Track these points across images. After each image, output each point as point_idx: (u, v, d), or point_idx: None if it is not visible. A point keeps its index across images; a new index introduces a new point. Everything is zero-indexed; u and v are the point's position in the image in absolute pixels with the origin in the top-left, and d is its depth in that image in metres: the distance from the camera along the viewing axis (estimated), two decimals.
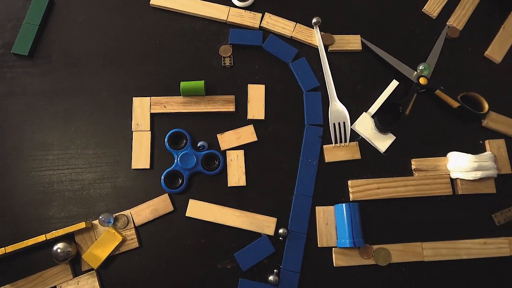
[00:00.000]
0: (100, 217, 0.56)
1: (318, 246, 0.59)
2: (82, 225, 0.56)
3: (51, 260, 0.57)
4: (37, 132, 0.62)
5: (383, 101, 0.64)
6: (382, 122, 0.62)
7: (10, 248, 0.54)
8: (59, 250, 0.55)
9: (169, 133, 0.61)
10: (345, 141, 0.63)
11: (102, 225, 0.57)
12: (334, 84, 0.65)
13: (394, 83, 0.65)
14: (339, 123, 0.63)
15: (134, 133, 0.62)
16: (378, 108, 0.64)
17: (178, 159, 0.60)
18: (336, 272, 0.58)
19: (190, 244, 0.58)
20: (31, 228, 0.58)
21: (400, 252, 0.59)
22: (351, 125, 0.63)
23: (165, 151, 0.61)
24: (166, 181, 0.59)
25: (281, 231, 0.58)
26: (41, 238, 0.55)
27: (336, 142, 0.63)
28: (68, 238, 0.57)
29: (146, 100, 0.63)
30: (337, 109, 0.64)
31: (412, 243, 0.59)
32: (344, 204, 0.58)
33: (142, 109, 0.63)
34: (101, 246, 0.57)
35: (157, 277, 0.57)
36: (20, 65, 0.65)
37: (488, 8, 0.72)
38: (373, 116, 0.64)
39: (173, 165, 0.60)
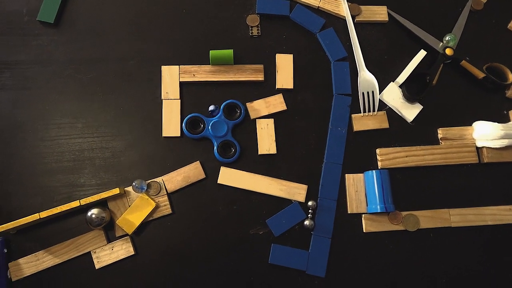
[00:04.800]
0: (134, 183, 0.57)
1: (348, 212, 0.60)
2: (116, 190, 0.56)
3: (85, 226, 0.57)
4: (65, 101, 0.62)
5: (411, 71, 0.64)
6: (410, 91, 0.63)
7: (44, 214, 0.54)
8: (93, 216, 0.55)
9: (224, 103, 0.61)
10: (373, 111, 0.63)
11: (135, 191, 0.57)
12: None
13: (422, 53, 0.65)
14: (367, 93, 0.63)
15: (163, 101, 0.62)
16: (406, 78, 0.64)
17: (209, 126, 0.60)
18: (366, 237, 0.59)
19: (222, 211, 0.59)
20: (62, 195, 0.58)
21: (428, 218, 0.60)
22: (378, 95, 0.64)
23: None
24: (187, 126, 0.60)
25: (310, 203, 0.58)
26: (75, 203, 0.55)
27: (364, 111, 0.63)
28: (101, 204, 0.57)
29: (175, 68, 0.63)
30: (366, 78, 0.64)
31: (439, 210, 0.60)
32: (374, 171, 0.59)
33: (171, 77, 0.62)
34: (135, 212, 0.57)
35: (190, 243, 0.58)
36: (45, 33, 0.64)
37: None
38: (401, 86, 0.64)
39: (203, 132, 0.60)
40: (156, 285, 0.56)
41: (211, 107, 0.60)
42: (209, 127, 0.60)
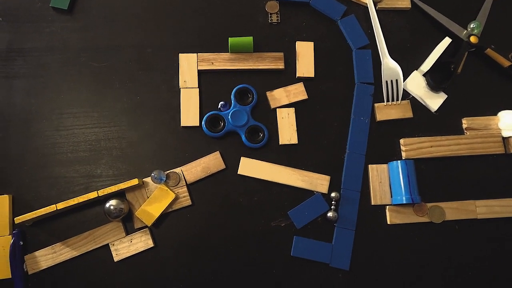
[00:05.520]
0: (153, 174, 0.55)
1: (372, 204, 0.58)
2: (135, 181, 0.54)
3: (102, 218, 0.56)
4: (80, 89, 0.60)
5: (435, 59, 0.62)
6: (435, 80, 0.61)
7: (61, 205, 0.53)
8: (112, 207, 0.54)
9: (236, 88, 0.60)
10: (397, 100, 0.61)
11: (154, 182, 0.55)
12: None
13: (446, 40, 0.63)
14: (391, 81, 0.62)
15: (182, 90, 0.60)
16: (430, 67, 0.62)
17: (229, 116, 0.58)
18: (390, 229, 0.58)
19: (242, 202, 0.57)
20: (79, 186, 0.57)
21: (453, 210, 0.58)
22: None
23: (213, 108, 0.60)
24: (207, 125, 0.58)
25: (333, 194, 0.57)
26: (92, 194, 0.53)
27: (388, 101, 0.61)
28: (119, 195, 0.56)
29: (193, 56, 0.61)
30: (390, 66, 0.62)
31: (465, 201, 0.59)
32: (399, 161, 0.57)
33: (189, 65, 0.61)
34: (154, 203, 0.55)
35: (210, 236, 0.56)
36: (59, 19, 0.62)
37: None
38: (424, 75, 0.63)
39: (224, 129, 0.58)
40: (176, 278, 0.55)
41: (221, 103, 0.58)
42: (229, 118, 0.58)
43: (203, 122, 0.58)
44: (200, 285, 0.55)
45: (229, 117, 0.58)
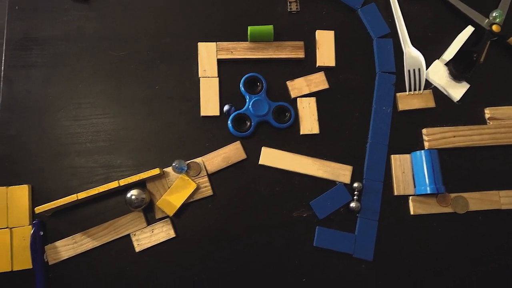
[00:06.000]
0: (174, 163, 0.54)
1: (395, 194, 0.57)
2: (156, 171, 0.54)
3: (121, 209, 0.55)
4: (98, 79, 0.59)
5: (458, 48, 0.61)
6: (457, 69, 0.60)
7: (82, 195, 0.52)
8: (133, 197, 0.53)
9: (245, 77, 0.59)
10: (419, 89, 0.61)
11: (175, 172, 0.55)
12: None
13: (469, 29, 0.62)
14: (413, 70, 0.61)
15: (201, 79, 0.59)
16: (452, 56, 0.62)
17: (251, 104, 0.57)
18: (413, 220, 0.57)
19: (263, 193, 0.57)
20: (99, 176, 0.56)
21: (477, 200, 0.58)
22: None
23: (233, 98, 0.59)
24: (233, 124, 0.57)
25: (356, 184, 0.56)
26: (113, 184, 0.53)
27: (410, 90, 0.61)
28: (140, 185, 0.55)
29: (212, 45, 0.60)
30: (412, 55, 0.61)
31: (489, 192, 0.58)
32: (423, 151, 0.57)
33: (208, 54, 0.60)
34: (175, 193, 0.55)
35: (231, 226, 0.56)
36: (76, 8, 0.61)
37: None
38: (447, 64, 0.62)
39: (244, 108, 0.58)
40: (198, 268, 0.54)
41: (226, 107, 0.57)
42: (250, 108, 0.57)
43: (229, 122, 0.57)
44: (222, 275, 0.54)
45: (250, 107, 0.57)
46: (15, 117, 0.57)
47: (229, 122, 0.57)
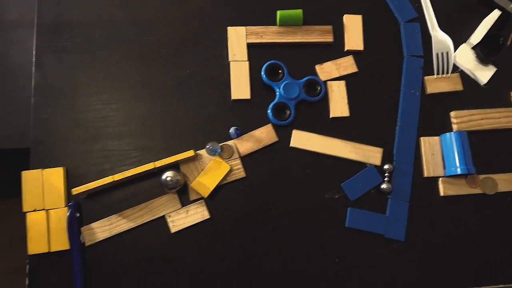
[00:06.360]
0: (208, 146, 0.55)
1: (424, 176, 0.58)
2: (191, 153, 0.54)
3: (154, 191, 0.55)
4: (128, 63, 0.59)
5: (485, 32, 0.62)
6: (484, 53, 0.61)
7: (118, 176, 0.53)
8: (168, 179, 0.53)
9: (265, 65, 0.59)
10: (447, 72, 0.61)
11: (209, 154, 0.55)
12: None
13: (495, 13, 0.63)
14: (442, 54, 0.61)
15: (231, 63, 0.60)
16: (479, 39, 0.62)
17: (281, 89, 0.58)
18: (443, 201, 0.58)
19: (295, 175, 0.57)
20: (132, 159, 0.56)
21: (505, 182, 0.58)
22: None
23: (262, 82, 0.59)
24: (273, 113, 0.58)
25: (386, 166, 0.57)
26: (149, 166, 0.53)
27: (438, 73, 0.61)
28: (174, 168, 0.56)
29: (241, 29, 0.61)
30: (440, 39, 0.62)
31: None
32: (452, 133, 0.57)
33: (238, 39, 0.60)
34: (209, 175, 0.55)
35: (263, 208, 0.56)
36: None
37: None
38: (474, 47, 0.62)
39: (277, 97, 0.58)
40: (231, 249, 0.55)
41: (232, 130, 0.57)
42: (281, 90, 0.58)
43: (269, 111, 0.58)
44: (255, 256, 0.55)
45: (281, 89, 0.58)
46: (48, 101, 0.57)
47: (269, 111, 0.58)
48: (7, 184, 1.45)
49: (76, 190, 0.52)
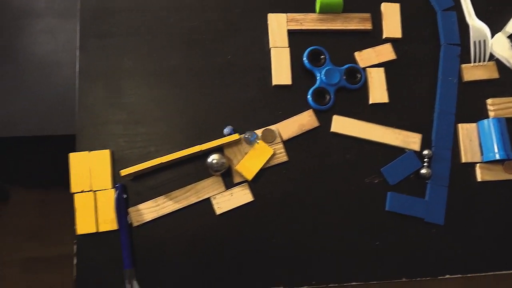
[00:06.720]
0: (246, 135, 0.56)
1: (462, 161, 0.59)
2: (236, 136, 0.55)
3: (197, 174, 0.56)
4: (170, 49, 0.60)
5: None
6: None
7: (165, 158, 0.54)
8: (214, 161, 0.55)
9: (307, 50, 0.60)
10: (484, 60, 0.62)
11: (246, 142, 0.56)
12: None
13: None
14: (479, 42, 0.62)
15: (272, 49, 0.60)
16: None
17: (323, 75, 0.59)
18: (480, 186, 0.59)
19: (335, 159, 0.58)
20: (175, 143, 0.57)
21: None
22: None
23: (302, 68, 0.60)
24: (313, 98, 0.59)
25: (426, 152, 0.58)
26: (195, 148, 0.54)
27: (475, 61, 0.62)
28: (218, 151, 0.57)
29: (282, 16, 0.61)
30: (478, 27, 0.63)
31: None
32: (490, 119, 0.58)
33: (279, 25, 0.61)
34: (253, 158, 0.56)
35: (305, 191, 0.57)
36: None
37: None
38: (510, 36, 0.63)
39: (318, 82, 0.59)
40: (274, 231, 0.56)
41: (226, 130, 0.57)
42: (323, 76, 0.59)
43: (309, 96, 0.59)
44: (296, 239, 0.56)
45: (322, 75, 0.59)
46: (92, 86, 0.58)
47: (309, 96, 0.59)
48: (25, 174, 1.46)
49: (125, 172, 0.53)
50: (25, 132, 0.89)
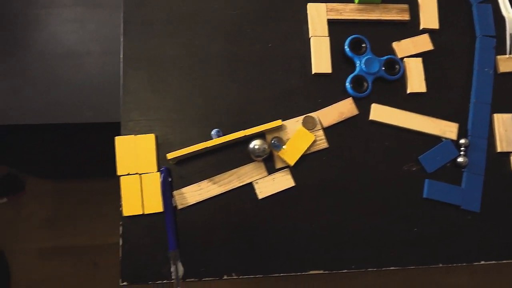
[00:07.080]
0: (273, 141, 0.57)
1: (498, 151, 0.60)
2: (278, 122, 0.56)
3: (239, 159, 0.58)
4: (213, 36, 0.61)
5: None
6: None
7: (211, 143, 0.55)
8: (256, 147, 0.56)
9: (349, 38, 0.61)
10: None
11: (273, 149, 0.57)
12: None
13: None
14: None
15: (312, 38, 0.61)
16: None
17: (363, 63, 0.60)
18: None
19: (374, 147, 0.60)
20: (218, 128, 0.58)
21: None
22: None
23: (341, 57, 0.61)
24: (351, 85, 0.60)
25: (463, 141, 0.59)
26: (240, 133, 0.56)
27: (510, 53, 0.63)
28: (260, 137, 0.58)
29: (322, 6, 0.62)
30: None
31: None
32: None
33: (319, 15, 0.62)
34: (295, 144, 0.57)
35: (344, 177, 0.58)
36: None
37: None
38: None
39: (357, 70, 0.60)
40: (315, 216, 0.57)
41: (214, 132, 0.58)
42: (363, 65, 0.60)
43: (347, 83, 0.60)
44: (335, 224, 0.57)
45: (362, 63, 0.60)
46: (136, 72, 0.59)
47: (347, 83, 0.60)
48: (41, 164, 1.47)
49: (171, 155, 0.54)
50: (55, 119, 0.90)
